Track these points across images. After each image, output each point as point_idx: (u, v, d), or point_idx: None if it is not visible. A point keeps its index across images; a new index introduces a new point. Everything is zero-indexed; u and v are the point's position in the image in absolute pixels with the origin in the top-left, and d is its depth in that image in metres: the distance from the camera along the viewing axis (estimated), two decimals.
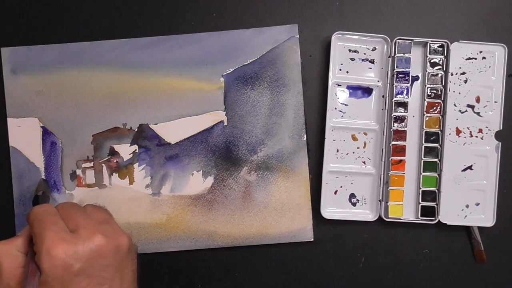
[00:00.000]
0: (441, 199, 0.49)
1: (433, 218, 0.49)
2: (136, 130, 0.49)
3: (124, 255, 0.36)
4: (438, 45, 0.49)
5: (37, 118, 0.49)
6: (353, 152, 0.50)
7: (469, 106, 0.49)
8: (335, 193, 0.49)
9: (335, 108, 0.49)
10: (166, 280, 0.49)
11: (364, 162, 0.50)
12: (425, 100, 0.49)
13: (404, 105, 0.49)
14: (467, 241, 0.51)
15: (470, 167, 0.49)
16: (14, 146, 0.48)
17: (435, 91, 0.49)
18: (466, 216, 0.49)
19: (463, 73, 0.49)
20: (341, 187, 0.49)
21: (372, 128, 0.49)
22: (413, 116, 0.50)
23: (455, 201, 0.49)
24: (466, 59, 0.49)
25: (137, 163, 0.49)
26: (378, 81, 0.49)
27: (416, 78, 0.50)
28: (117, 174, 0.49)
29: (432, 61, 0.49)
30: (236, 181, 0.49)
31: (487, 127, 0.49)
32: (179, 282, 0.49)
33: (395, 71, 0.49)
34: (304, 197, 0.49)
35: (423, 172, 0.49)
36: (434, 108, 0.49)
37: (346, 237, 0.50)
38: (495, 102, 0.49)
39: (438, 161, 0.49)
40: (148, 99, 0.49)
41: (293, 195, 0.49)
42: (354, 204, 0.50)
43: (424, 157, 0.49)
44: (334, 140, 0.49)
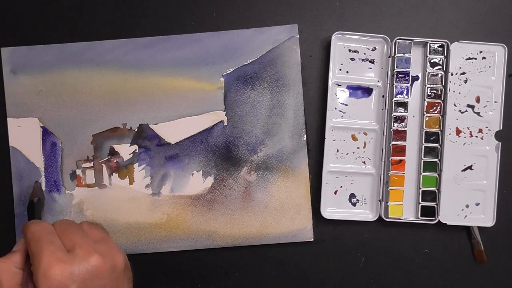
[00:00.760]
0: (441, 199, 0.49)
1: (433, 218, 0.49)
2: (136, 130, 0.49)
3: (121, 275, 0.36)
4: (438, 45, 0.49)
5: (37, 118, 0.49)
6: (353, 152, 0.50)
7: (469, 106, 0.49)
8: (335, 193, 0.49)
9: (335, 108, 0.49)
10: (166, 280, 0.49)
11: (364, 162, 0.50)
12: (425, 100, 0.49)
13: (404, 105, 0.49)
14: (467, 241, 0.51)
15: (470, 167, 0.49)
16: (14, 146, 0.48)
17: (435, 91, 0.49)
18: (466, 216, 0.49)
19: (463, 73, 0.49)
20: (341, 187, 0.49)
21: (372, 128, 0.49)
22: (413, 116, 0.50)
23: (455, 201, 0.49)
24: (466, 59, 0.49)
25: (137, 163, 0.49)
26: (378, 81, 0.49)
27: (416, 78, 0.50)
28: (117, 174, 0.49)
29: (432, 61, 0.49)
30: (236, 181, 0.49)
31: (487, 127, 0.49)
32: (179, 282, 0.49)
33: (395, 71, 0.49)
34: (304, 197, 0.49)
35: (423, 172, 0.49)
36: (434, 108, 0.49)
37: (346, 237, 0.50)
38: (495, 102, 0.49)
39: (438, 161, 0.49)
40: (148, 99, 0.49)
41: (293, 195, 0.49)
42: (354, 204, 0.50)
43: (424, 157, 0.49)
44: (334, 140, 0.49)
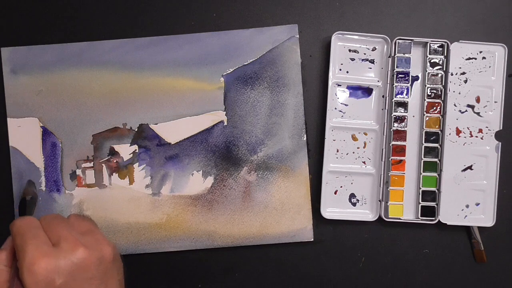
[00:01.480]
0: (441, 199, 0.49)
1: (433, 218, 0.49)
2: (136, 130, 0.49)
3: (108, 266, 0.35)
4: (438, 45, 0.49)
5: (37, 118, 0.49)
6: (353, 152, 0.50)
7: (469, 106, 0.49)
8: (335, 193, 0.49)
9: (335, 108, 0.49)
10: (166, 280, 0.49)
11: (364, 162, 0.50)
12: (425, 100, 0.49)
13: (404, 105, 0.49)
14: (467, 241, 0.51)
15: (470, 167, 0.49)
16: (14, 146, 0.48)
17: (435, 91, 0.49)
18: (466, 216, 0.49)
19: (463, 73, 0.49)
20: (341, 187, 0.49)
21: (372, 128, 0.49)
22: (413, 116, 0.50)
23: (455, 201, 0.49)
24: (466, 59, 0.49)
25: (137, 163, 0.49)
26: (378, 81, 0.49)
27: (416, 78, 0.50)
28: (117, 174, 0.49)
29: (432, 61, 0.49)
30: (236, 181, 0.49)
31: (487, 127, 0.49)
32: (179, 282, 0.49)
33: (395, 71, 0.49)
34: (304, 197, 0.49)
35: (423, 172, 0.49)
36: (434, 108, 0.49)
37: (346, 237, 0.50)
38: (495, 102, 0.49)
39: (438, 161, 0.49)
40: (148, 99, 0.49)
41: (293, 195, 0.49)
42: (354, 204, 0.50)
43: (424, 157, 0.49)
44: (334, 140, 0.49)
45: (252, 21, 0.49)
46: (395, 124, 0.49)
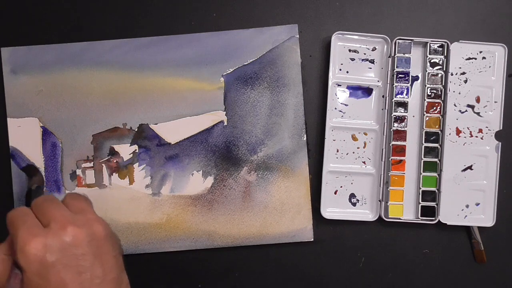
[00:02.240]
0: (441, 199, 0.49)
1: (433, 218, 0.49)
2: (136, 130, 0.49)
3: (101, 242, 0.35)
4: (438, 45, 0.49)
5: (37, 118, 0.49)
6: (353, 152, 0.50)
7: (469, 106, 0.49)
8: (335, 193, 0.49)
9: (335, 108, 0.49)
10: (166, 280, 0.49)
11: (364, 162, 0.50)
12: (425, 100, 0.49)
13: (404, 105, 0.49)
14: (467, 241, 0.51)
15: (470, 167, 0.49)
16: (14, 146, 0.48)
17: (435, 91, 0.49)
18: (466, 216, 0.49)
19: (463, 73, 0.49)
20: (341, 187, 0.49)
21: (372, 128, 0.49)
22: (413, 116, 0.50)
23: (455, 201, 0.49)
24: (466, 59, 0.49)
25: (137, 163, 0.49)
26: (378, 81, 0.49)
27: (416, 78, 0.50)
28: (117, 174, 0.49)
29: (432, 61, 0.49)
30: (236, 181, 0.49)
31: (487, 127, 0.49)
32: (179, 282, 0.49)
33: (395, 71, 0.49)
34: (304, 197, 0.49)
35: (423, 172, 0.49)
36: (434, 108, 0.49)
37: (346, 237, 0.50)
38: (495, 102, 0.49)
39: (438, 161, 0.49)
40: (148, 99, 0.49)
41: (293, 195, 0.49)
42: (354, 204, 0.50)
43: (424, 157, 0.49)
44: (334, 140, 0.49)
45: (252, 21, 0.49)
46: (395, 124, 0.49)
